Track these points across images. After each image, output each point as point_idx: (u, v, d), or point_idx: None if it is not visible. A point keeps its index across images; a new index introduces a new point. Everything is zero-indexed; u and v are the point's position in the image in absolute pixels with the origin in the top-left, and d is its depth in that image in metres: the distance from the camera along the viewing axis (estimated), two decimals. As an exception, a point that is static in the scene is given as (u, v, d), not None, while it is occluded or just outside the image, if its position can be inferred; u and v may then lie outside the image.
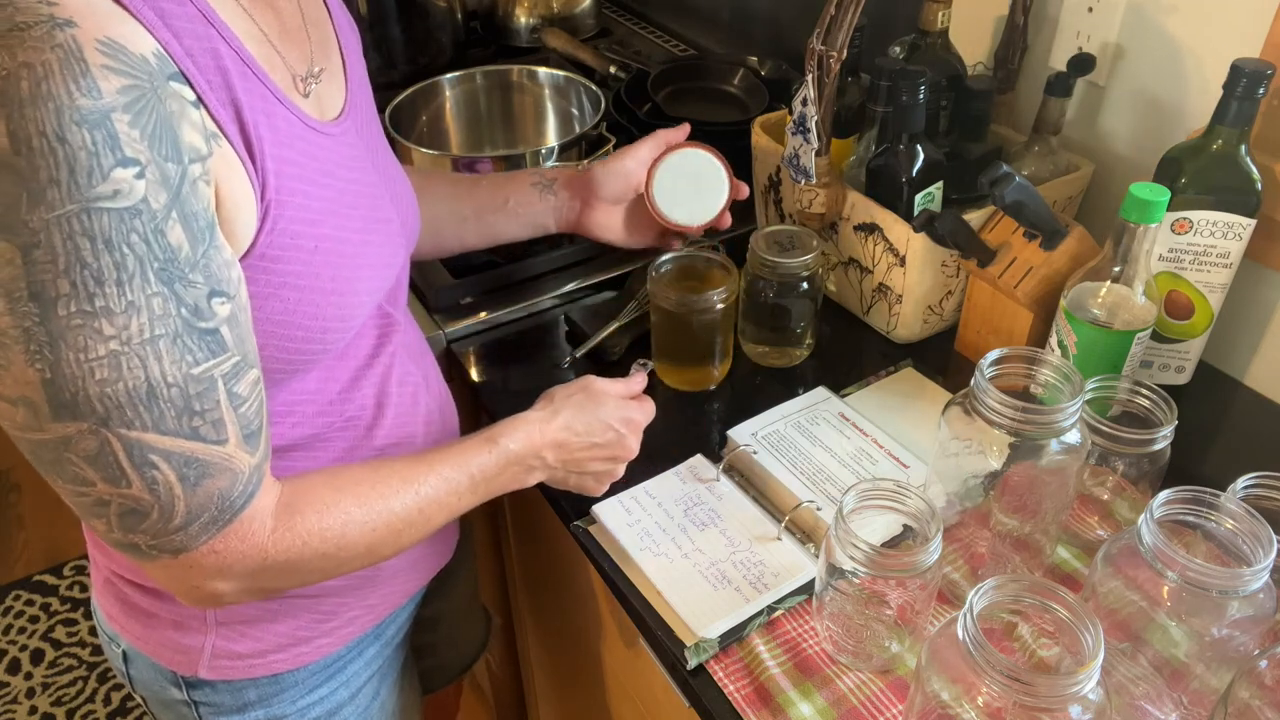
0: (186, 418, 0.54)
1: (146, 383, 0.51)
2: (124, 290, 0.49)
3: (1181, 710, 0.65)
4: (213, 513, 0.57)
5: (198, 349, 0.53)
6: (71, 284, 0.48)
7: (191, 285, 0.52)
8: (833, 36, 0.91)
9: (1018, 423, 0.68)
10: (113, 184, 0.48)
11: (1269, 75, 0.78)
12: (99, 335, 0.49)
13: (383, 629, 0.86)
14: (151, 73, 0.49)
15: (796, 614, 0.75)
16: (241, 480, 0.58)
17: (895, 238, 0.95)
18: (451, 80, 1.32)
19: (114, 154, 0.47)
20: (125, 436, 0.52)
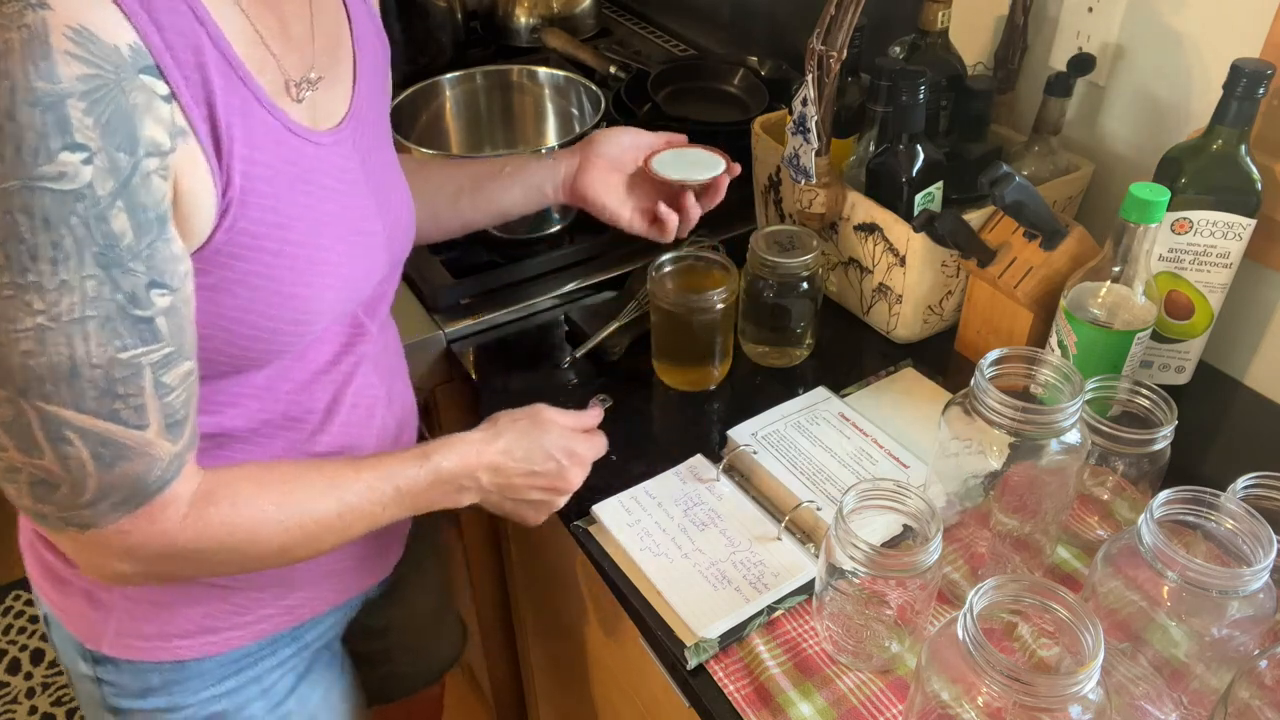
0: (108, 399, 0.54)
1: (70, 360, 0.52)
2: (57, 269, 0.50)
3: (1181, 710, 0.65)
4: (125, 494, 0.57)
5: (128, 335, 0.54)
6: (5, 255, 0.49)
7: (130, 273, 0.53)
8: (833, 36, 0.91)
9: (1018, 423, 0.68)
10: (58, 166, 0.48)
11: (1269, 75, 0.78)
12: (27, 308, 0.50)
13: (301, 632, 0.84)
14: (120, 64, 0.50)
15: (796, 614, 0.75)
16: (159, 467, 0.58)
17: (895, 238, 0.95)
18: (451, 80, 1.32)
19: (63, 137, 0.48)
20: (42, 409, 0.53)
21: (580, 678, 1.13)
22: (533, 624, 1.28)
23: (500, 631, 1.41)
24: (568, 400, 0.96)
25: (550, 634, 1.21)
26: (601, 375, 0.99)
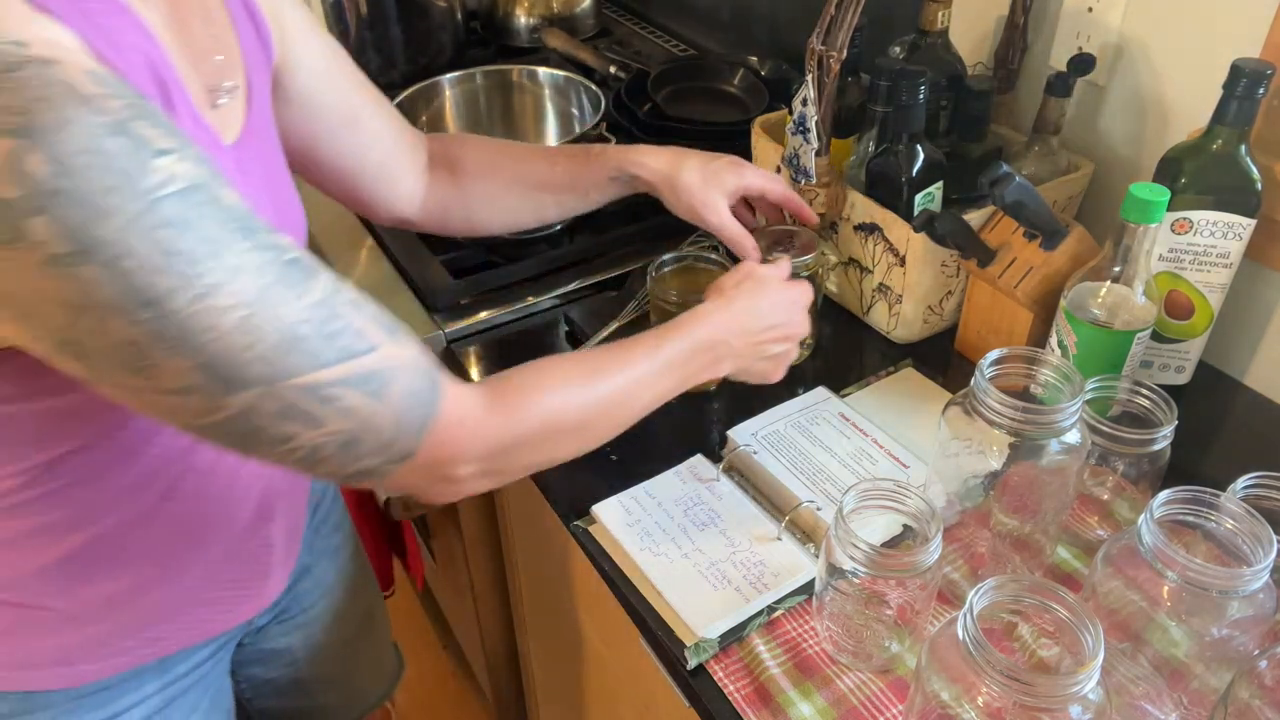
0: (334, 342, 0.54)
1: (284, 330, 0.52)
2: (221, 259, 0.50)
3: (1181, 710, 0.65)
4: (416, 411, 0.58)
5: (301, 281, 0.54)
6: (173, 276, 0.48)
7: (260, 231, 0.53)
8: (833, 36, 0.91)
9: (1018, 423, 0.68)
10: (161, 173, 0.48)
11: (1269, 75, 0.78)
12: (221, 310, 0.50)
13: (168, 665, 0.79)
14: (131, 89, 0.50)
15: (796, 614, 0.75)
16: (417, 371, 0.59)
17: (895, 238, 0.95)
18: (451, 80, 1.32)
19: (149, 148, 0.48)
20: (297, 385, 0.53)
21: (580, 677, 1.13)
22: (533, 624, 1.28)
23: (500, 631, 1.41)
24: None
25: (550, 634, 1.21)
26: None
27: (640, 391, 0.72)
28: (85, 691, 0.75)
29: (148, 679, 0.78)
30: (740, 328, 0.78)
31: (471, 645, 1.54)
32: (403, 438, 0.58)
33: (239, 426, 0.54)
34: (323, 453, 0.56)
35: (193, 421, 0.54)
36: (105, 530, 0.68)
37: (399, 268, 1.12)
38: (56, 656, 0.72)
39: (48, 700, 0.74)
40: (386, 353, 0.57)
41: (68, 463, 0.64)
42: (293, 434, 0.55)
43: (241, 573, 0.80)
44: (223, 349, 0.51)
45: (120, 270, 0.47)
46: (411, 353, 0.59)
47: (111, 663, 0.75)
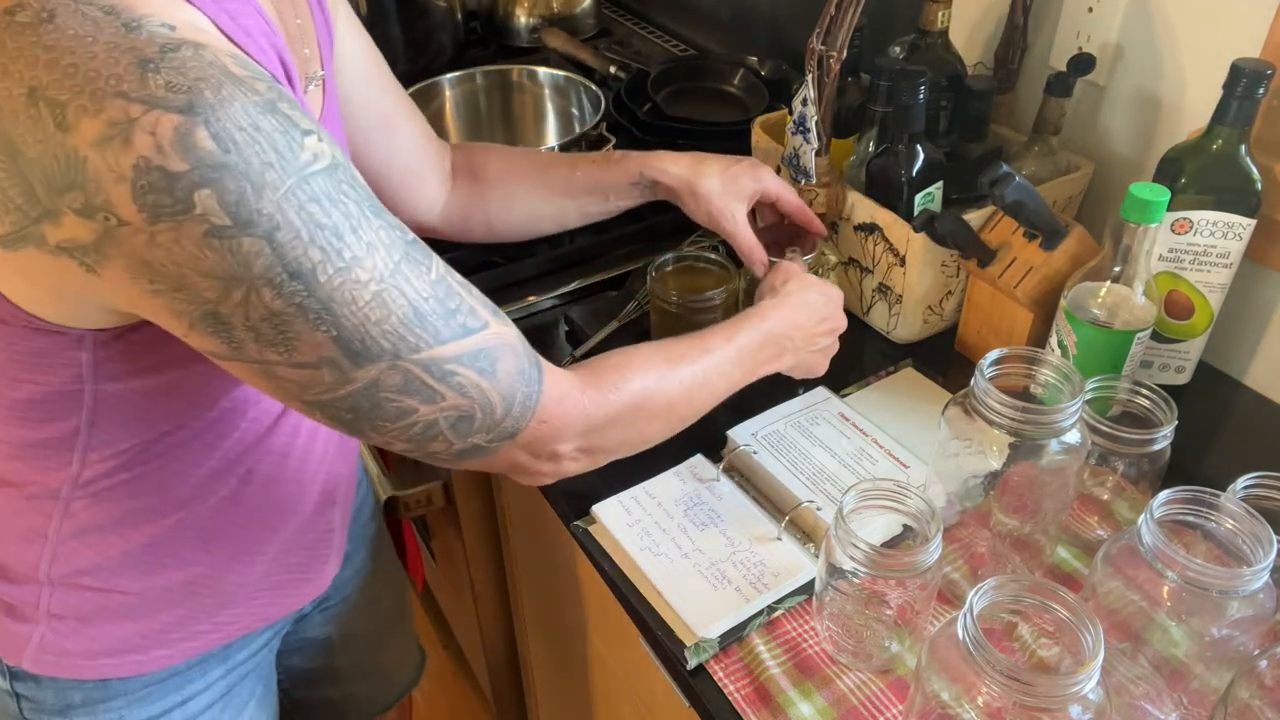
0: (451, 319, 0.57)
1: (410, 305, 0.54)
2: (360, 235, 0.52)
3: (1181, 710, 0.65)
4: (522, 388, 0.60)
5: (422, 259, 0.56)
6: (320, 249, 0.50)
7: (385, 211, 0.55)
8: (833, 36, 0.91)
9: (1018, 423, 0.68)
10: (309, 151, 0.50)
11: (1269, 75, 0.78)
12: (359, 284, 0.52)
13: (231, 651, 0.81)
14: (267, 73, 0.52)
15: (796, 614, 0.75)
16: (521, 350, 0.61)
17: (895, 238, 0.95)
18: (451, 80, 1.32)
19: (298, 127, 0.50)
20: (419, 359, 0.55)
21: (580, 678, 1.13)
22: (533, 624, 1.28)
23: (500, 631, 1.41)
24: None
25: (550, 634, 1.21)
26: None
27: (717, 378, 0.75)
28: (156, 679, 0.77)
29: (213, 665, 0.80)
30: (797, 322, 0.82)
31: (471, 645, 1.54)
32: (511, 415, 0.60)
33: (362, 401, 0.56)
34: (436, 429, 0.58)
35: (319, 396, 0.55)
36: (188, 515, 0.70)
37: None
38: (133, 644, 0.74)
39: (123, 688, 0.76)
40: (495, 331, 0.59)
41: (158, 447, 0.66)
42: (412, 409, 0.57)
43: (305, 557, 0.81)
44: (358, 323, 0.53)
45: (275, 243, 0.49)
46: (514, 333, 0.61)
47: (184, 647, 0.77)
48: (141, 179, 0.46)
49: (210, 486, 0.70)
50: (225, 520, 0.72)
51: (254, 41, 0.55)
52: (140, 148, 0.46)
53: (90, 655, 0.73)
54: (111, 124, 0.46)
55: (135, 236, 0.48)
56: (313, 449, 0.77)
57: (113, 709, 0.76)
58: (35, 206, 0.48)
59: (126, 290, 0.51)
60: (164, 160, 0.46)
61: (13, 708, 0.76)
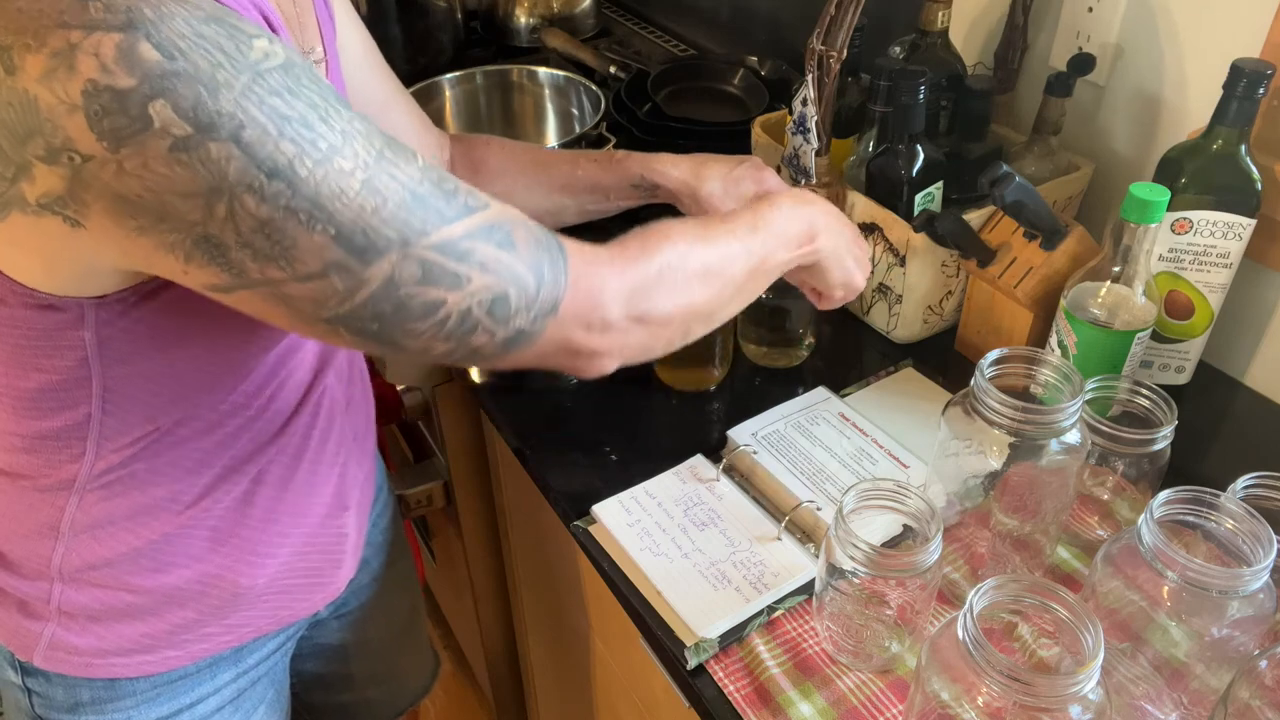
0: (452, 200, 0.55)
1: (405, 189, 0.52)
2: (332, 124, 0.51)
3: (1181, 710, 0.65)
4: (546, 257, 0.58)
5: (403, 148, 0.54)
6: (292, 142, 0.49)
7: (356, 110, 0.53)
8: (833, 36, 0.91)
9: (1018, 423, 0.68)
10: (259, 50, 0.49)
11: (1269, 75, 0.78)
12: (344, 174, 0.50)
13: (242, 655, 0.81)
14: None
15: (796, 614, 0.75)
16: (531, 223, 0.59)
17: (895, 238, 0.95)
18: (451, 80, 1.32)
19: (244, 31, 0.49)
20: (431, 243, 0.53)
21: (580, 677, 1.13)
22: (533, 624, 1.28)
23: (500, 631, 1.41)
24: (569, 400, 0.96)
25: (550, 634, 1.21)
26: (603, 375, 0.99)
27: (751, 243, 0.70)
28: (166, 679, 0.77)
29: (223, 669, 0.80)
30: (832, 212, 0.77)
31: (471, 645, 1.54)
32: (545, 286, 0.57)
33: (385, 303, 0.53)
34: (472, 319, 0.55)
35: (338, 309, 0.53)
36: (199, 514, 0.70)
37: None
38: (142, 644, 0.74)
39: (132, 688, 0.76)
40: (500, 207, 0.57)
41: (170, 438, 0.66)
42: (439, 300, 0.54)
43: (319, 561, 0.81)
44: (353, 214, 0.51)
45: (243, 142, 0.48)
46: (517, 210, 0.59)
47: (194, 649, 0.76)
48: (93, 104, 0.45)
49: (222, 486, 0.70)
50: (236, 521, 0.72)
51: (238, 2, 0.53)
52: (85, 71, 0.45)
53: (100, 654, 0.73)
54: (54, 55, 0.45)
55: (103, 170, 0.47)
56: (324, 452, 0.77)
57: (121, 709, 0.76)
58: (9, 166, 0.48)
59: (114, 238, 0.50)
60: (111, 79, 0.45)
61: (25, 703, 0.77)
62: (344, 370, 0.80)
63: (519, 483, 1.07)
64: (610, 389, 0.97)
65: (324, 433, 0.76)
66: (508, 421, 0.94)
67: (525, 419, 0.94)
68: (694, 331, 0.69)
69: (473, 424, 1.14)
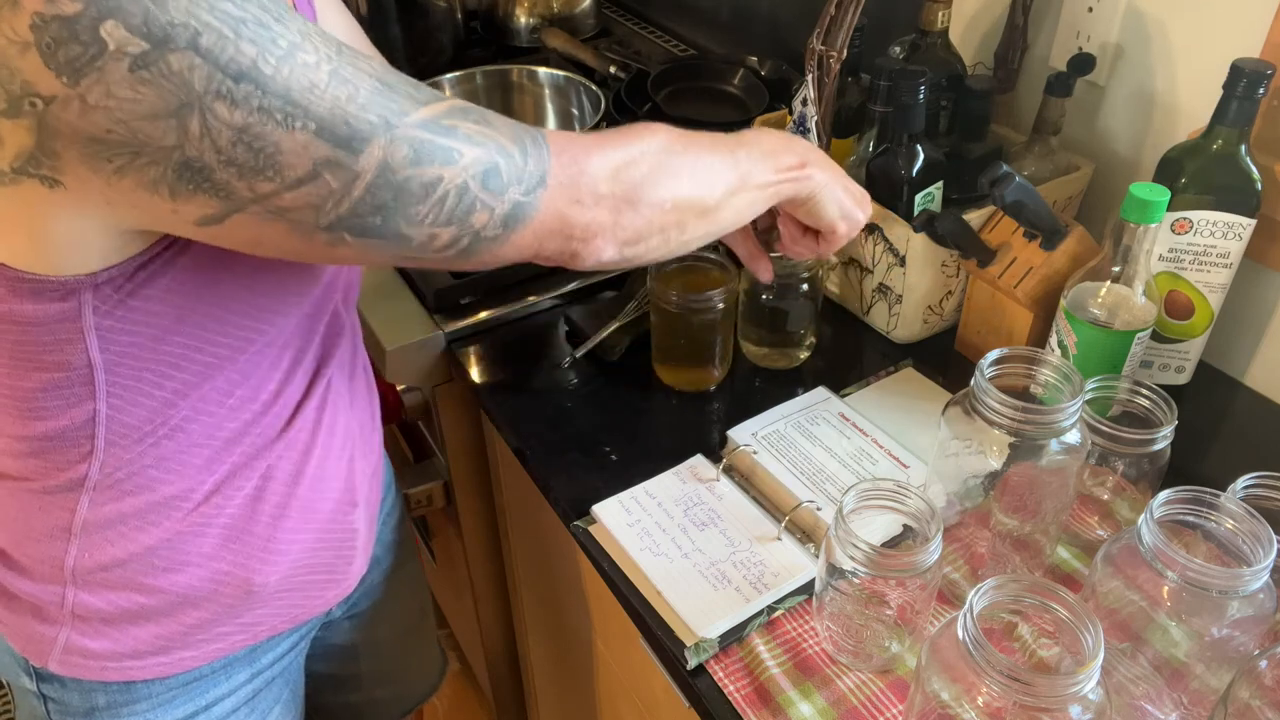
0: (418, 89, 0.55)
1: (374, 78, 0.52)
2: (286, 24, 0.49)
3: (1181, 710, 0.65)
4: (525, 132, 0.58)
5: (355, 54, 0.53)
6: (251, 42, 0.48)
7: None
8: (833, 36, 0.91)
9: (1018, 423, 0.68)
10: None
11: (1269, 75, 0.78)
12: (310, 66, 0.50)
13: (257, 655, 0.81)
14: None
15: (796, 614, 0.75)
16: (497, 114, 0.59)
17: (895, 238, 0.95)
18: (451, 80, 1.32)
19: None
20: (412, 120, 0.53)
21: (580, 677, 1.13)
22: (533, 624, 1.28)
23: (500, 631, 1.41)
24: (569, 400, 0.96)
25: (550, 634, 1.21)
26: (601, 375, 0.99)
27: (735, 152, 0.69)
28: (182, 681, 0.77)
29: (238, 669, 0.80)
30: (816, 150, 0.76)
31: (471, 645, 1.54)
32: (530, 158, 0.58)
33: (383, 192, 0.53)
34: (470, 195, 0.55)
35: (338, 209, 0.52)
36: (210, 511, 0.70)
37: (399, 268, 1.13)
38: (156, 645, 0.74)
39: (147, 691, 0.75)
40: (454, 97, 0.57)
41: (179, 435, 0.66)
42: (437, 176, 0.54)
43: (330, 557, 0.81)
44: (329, 105, 0.50)
45: (202, 49, 0.47)
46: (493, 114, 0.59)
47: (208, 649, 0.76)
48: (43, 37, 0.44)
49: (233, 482, 0.70)
50: (248, 518, 0.72)
51: None
52: (30, 4, 0.44)
53: (114, 657, 0.73)
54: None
55: (67, 110, 0.46)
56: (331, 446, 0.77)
57: (137, 712, 0.76)
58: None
59: (95, 188, 0.49)
60: (56, 7, 0.44)
61: (40, 710, 0.76)
62: (347, 364, 0.80)
63: (519, 483, 1.07)
64: (610, 389, 0.97)
65: (330, 427, 0.76)
66: (508, 421, 0.94)
67: (525, 419, 0.94)
68: (689, 226, 0.68)
69: (473, 424, 1.14)
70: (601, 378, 0.99)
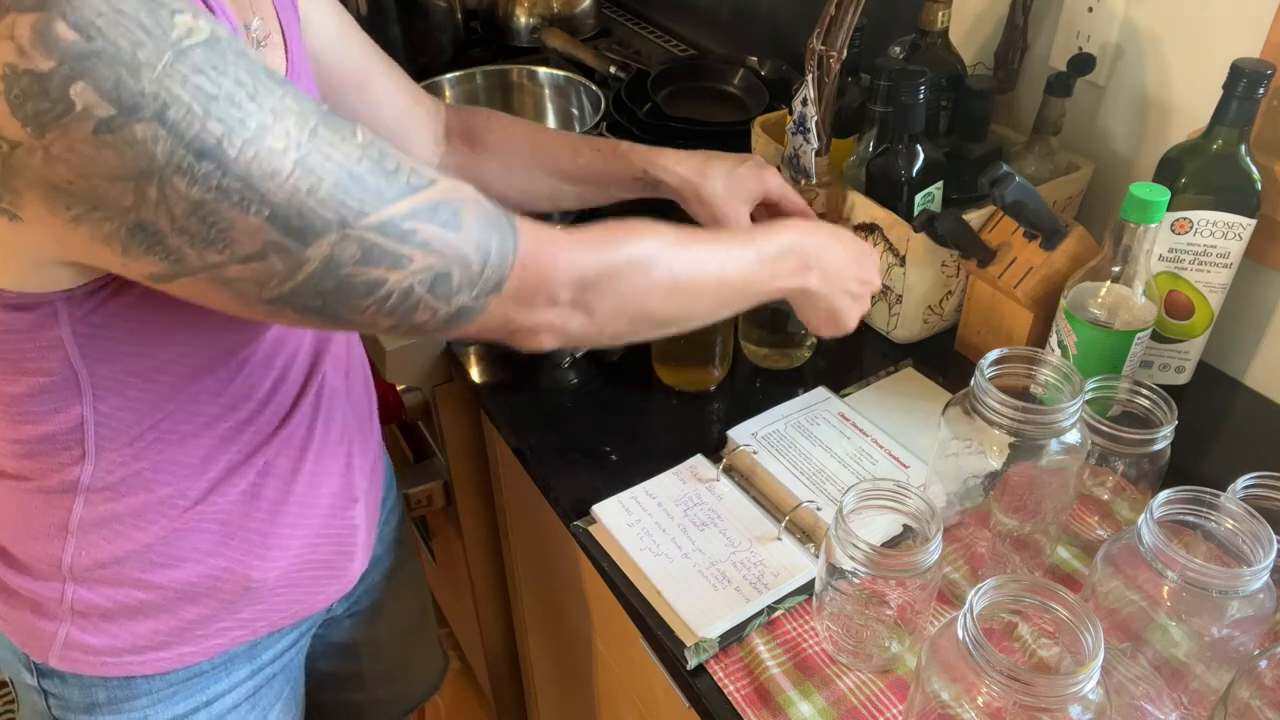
0: (393, 179, 0.53)
1: (341, 168, 0.52)
2: (260, 102, 0.49)
3: (1181, 710, 0.65)
4: (495, 235, 0.57)
5: (343, 125, 0.53)
6: (219, 121, 0.48)
7: (291, 84, 0.52)
8: (833, 36, 0.91)
9: (1018, 423, 0.68)
10: (182, 27, 0.48)
11: (1269, 75, 0.78)
12: (276, 153, 0.49)
13: (257, 651, 0.81)
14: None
15: (796, 614, 0.75)
16: (486, 201, 0.58)
17: (895, 238, 0.95)
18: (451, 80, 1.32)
19: (165, 6, 0.48)
20: (371, 223, 0.52)
21: (580, 677, 1.13)
22: (533, 624, 1.28)
23: (500, 631, 1.41)
24: (569, 400, 0.96)
25: (550, 634, 1.21)
26: (601, 375, 0.99)
27: (731, 266, 0.69)
28: (182, 677, 0.77)
29: (238, 665, 0.80)
30: (829, 246, 0.76)
31: (471, 645, 1.54)
32: (490, 264, 0.57)
33: (326, 281, 0.53)
34: (414, 296, 0.55)
35: (279, 289, 0.53)
36: (206, 508, 0.70)
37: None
38: (156, 641, 0.74)
39: (147, 686, 0.76)
40: (446, 185, 0.56)
41: (171, 435, 0.66)
42: (380, 279, 0.54)
43: (329, 553, 0.81)
44: (288, 194, 0.50)
45: (168, 122, 0.47)
46: (472, 189, 0.58)
47: (208, 645, 0.76)
48: (13, 88, 0.45)
49: (229, 480, 0.70)
50: (245, 515, 0.72)
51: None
52: (3, 54, 0.44)
53: (114, 652, 0.73)
54: None
55: (31, 157, 0.46)
56: (328, 442, 0.77)
57: (137, 707, 0.76)
58: None
59: (52, 228, 0.50)
60: (30, 62, 0.44)
61: (41, 705, 0.77)
62: (342, 360, 0.80)
63: (519, 483, 1.07)
64: (610, 389, 0.97)
65: (326, 423, 0.76)
66: (508, 421, 0.94)
67: (525, 419, 0.94)
68: (644, 334, 0.68)
69: (473, 424, 1.14)
70: (601, 378, 0.99)
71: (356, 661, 1.01)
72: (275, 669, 0.84)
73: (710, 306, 0.70)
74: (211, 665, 0.78)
